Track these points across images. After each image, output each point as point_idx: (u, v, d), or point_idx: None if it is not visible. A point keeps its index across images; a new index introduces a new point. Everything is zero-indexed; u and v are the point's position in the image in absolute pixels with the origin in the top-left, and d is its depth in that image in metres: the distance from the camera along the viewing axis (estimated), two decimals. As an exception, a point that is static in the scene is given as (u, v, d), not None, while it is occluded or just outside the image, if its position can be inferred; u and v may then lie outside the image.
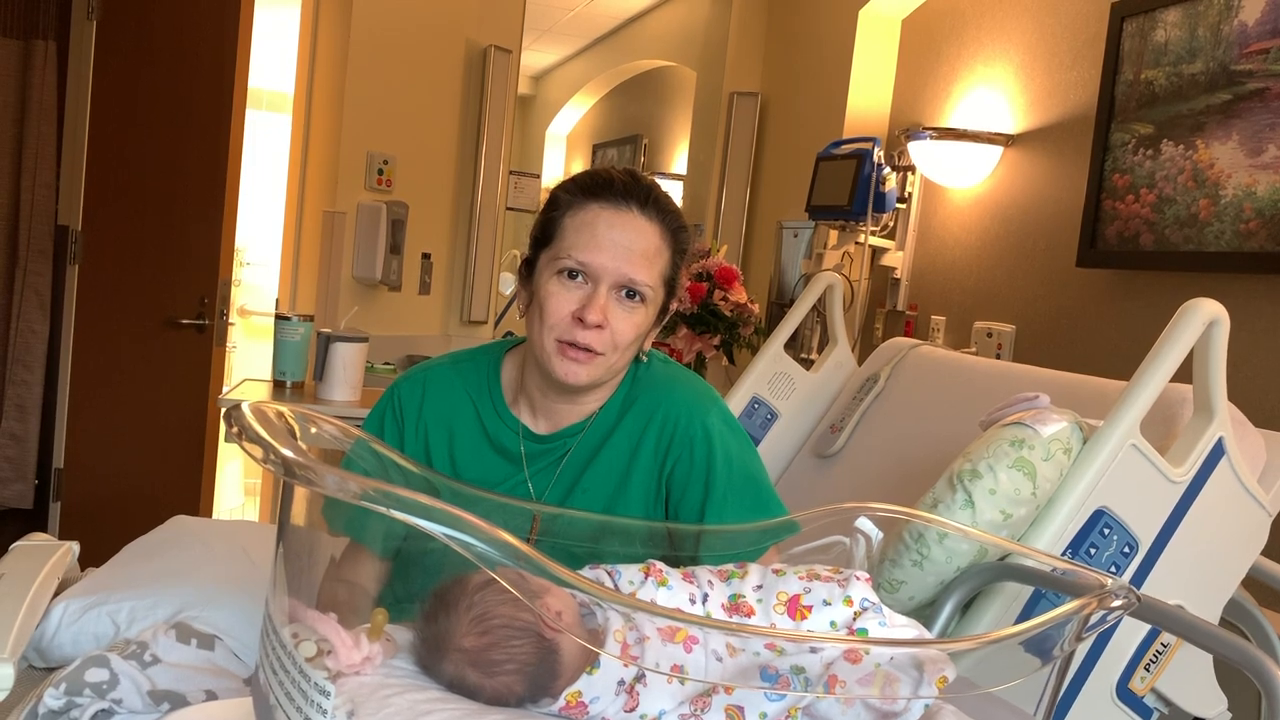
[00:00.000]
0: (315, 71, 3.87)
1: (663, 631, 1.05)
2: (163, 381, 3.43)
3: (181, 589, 1.45)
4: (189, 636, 1.31)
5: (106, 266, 3.29)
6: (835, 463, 2.11)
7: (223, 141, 3.41)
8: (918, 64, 3.68)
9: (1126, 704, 1.52)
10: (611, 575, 1.16)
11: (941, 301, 3.41)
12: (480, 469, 1.39)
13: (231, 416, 0.91)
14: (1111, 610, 0.94)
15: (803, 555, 1.32)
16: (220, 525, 1.96)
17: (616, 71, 6.93)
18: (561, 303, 1.30)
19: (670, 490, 1.38)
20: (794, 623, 1.10)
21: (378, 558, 1.30)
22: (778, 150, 4.32)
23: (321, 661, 0.93)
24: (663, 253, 1.33)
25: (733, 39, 4.45)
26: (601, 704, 1.03)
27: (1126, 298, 2.68)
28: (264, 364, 3.26)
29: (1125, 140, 2.64)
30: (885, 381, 2.14)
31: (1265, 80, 2.28)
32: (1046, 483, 1.43)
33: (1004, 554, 1.41)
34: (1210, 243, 2.38)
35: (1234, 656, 1.19)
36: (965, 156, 3.19)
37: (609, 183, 1.31)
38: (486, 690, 1.04)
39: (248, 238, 5.03)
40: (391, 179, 3.89)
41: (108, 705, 1.15)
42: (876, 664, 0.99)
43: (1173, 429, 1.60)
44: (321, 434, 1.14)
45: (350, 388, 2.80)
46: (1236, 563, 1.62)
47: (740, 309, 3.30)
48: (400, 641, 1.10)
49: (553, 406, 1.39)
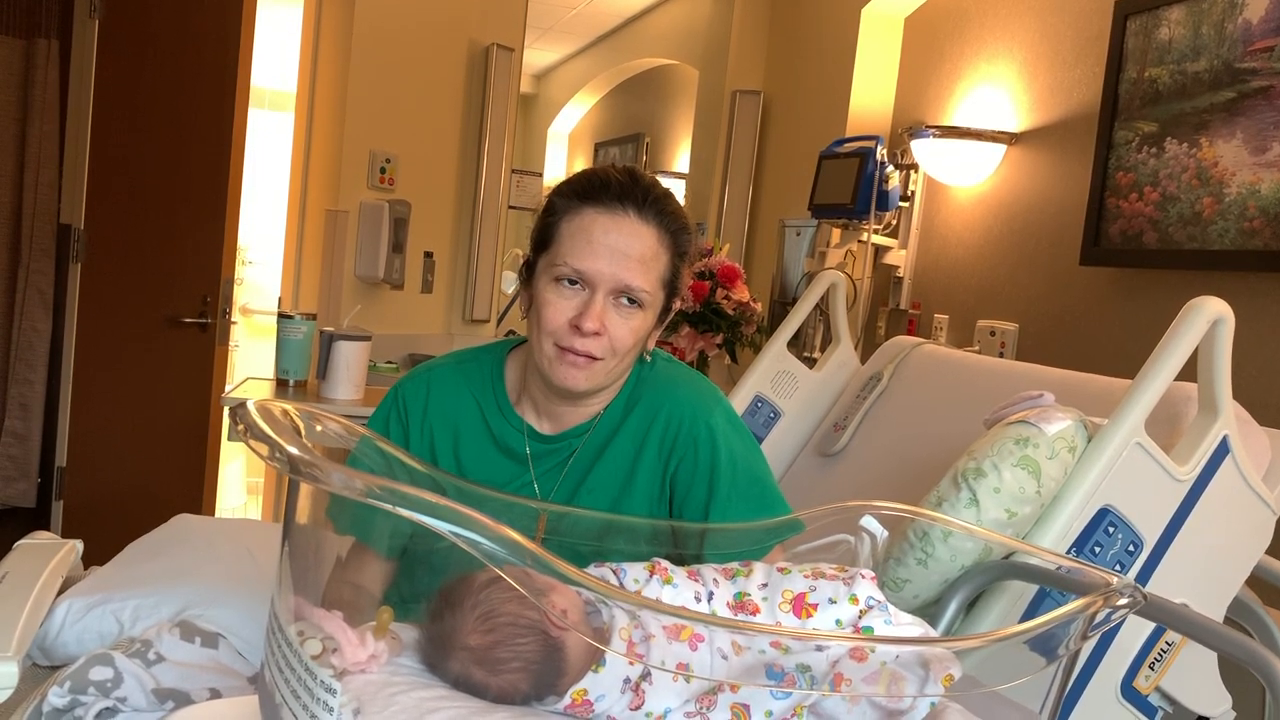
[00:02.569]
0: (318, 70, 3.86)
1: (668, 630, 1.05)
2: (165, 380, 3.43)
3: (185, 587, 1.45)
4: (193, 635, 1.32)
5: (109, 265, 3.29)
6: (838, 461, 2.11)
7: (225, 140, 3.41)
8: (921, 62, 3.67)
9: (1131, 703, 1.52)
10: (617, 573, 1.16)
11: (944, 300, 3.41)
12: (486, 470, 1.39)
13: (237, 414, 0.91)
14: (1117, 609, 0.94)
15: (807, 554, 1.32)
16: (224, 524, 1.96)
17: (618, 70, 6.93)
18: (558, 310, 1.29)
19: (675, 490, 1.38)
20: (799, 621, 1.09)
21: (383, 556, 1.30)
22: (780, 148, 4.32)
23: (327, 659, 0.93)
24: (661, 256, 1.32)
25: (735, 37, 4.45)
26: (607, 702, 1.03)
27: (1130, 296, 2.68)
28: (266, 363, 3.26)
29: (1129, 138, 2.64)
30: (888, 380, 2.14)
31: (1269, 78, 2.27)
32: (1051, 481, 1.43)
33: (1009, 552, 1.41)
34: (1214, 241, 2.37)
35: (1239, 655, 1.19)
36: (968, 155, 3.18)
37: (605, 185, 1.29)
38: (492, 688, 1.04)
39: (250, 236, 5.03)
40: (394, 177, 3.89)
41: (112, 703, 1.15)
42: (882, 662, 0.99)
43: (1177, 427, 1.60)
44: (327, 432, 1.14)
45: (353, 386, 2.80)
46: (1241, 561, 1.62)
47: (743, 308, 3.30)
48: (406, 639, 1.10)
49: (556, 408, 1.39)
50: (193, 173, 3.39)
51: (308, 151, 3.92)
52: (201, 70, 3.38)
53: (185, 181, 3.39)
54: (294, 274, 3.97)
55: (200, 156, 3.39)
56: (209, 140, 3.40)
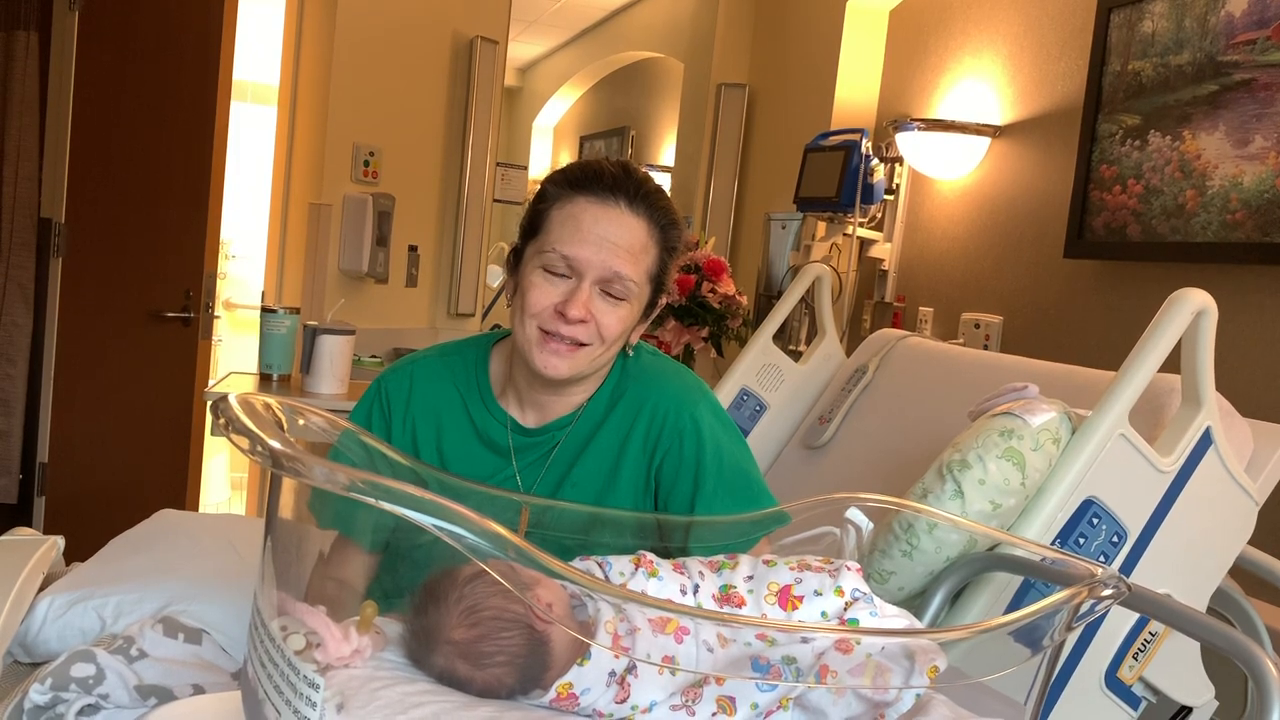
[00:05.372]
0: (300, 63, 3.84)
1: (654, 622, 1.04)
2: (148, 375, 3.41)
3: (168, 583, 1.44)
4: (176, 631, 1.31)
5: (90, 259, 3.27)
6: (824, 454, 2.11)
7: (207, 133, 3.38)
8: (905, 55, 3.68)
9: (1115, 693, 1.53)
10: (602, 566, 1.16)
11: (929, 293, 3.41)
12: (468, 462, 1.38)
13: (219, 408, 0.90)
14: (1101, 599, 0.94)
15: (793, 546, 1.32)
16: (207, 519, 1.95)
17: (603, 63, 6.91)
18: (543, 295, 1.29)
19: (660, 483, 1.38)
20: (785, 613, 1.09)
21: (366, 550, 1.30)
22: (765, 142, 4.32)
23: (310, 654, 0.93)
24: (650, 249, 1.31)
25: (720, 30, 4.44)
26: (592, 695, 1.03)
27: (1114, 288, 2.69)
28: (250, 357, 3.24)
29: (1112, 131, 2.65)
30: (874, 373, 2.14)
31: (1252, 71, 2.28)
32: (1035, 473, 1.44)
33: (993, 544, 1.41)
34: (1197, 233, 2.38)
35: (1222, 645, 1.20)
36: (953, 148, 3.19)
37: (598, 175, 1.29)
38: (477, 682, 1.04)
39: (233, 230, 5.00)
40: (378, 171, 3.87)
41: (94, 700, 1.14)
42: (868, 654, 0.99)
43: (1161, 419, 1.60)
44: (310, 426, 1.13)
45: (337, 380, 2.80)
46: (1224, 552, 1.63)
47: (728, 301, 3.29)
48: (390, 634, 1.09)
49: (540, 399, 1.38)
50: (175, 166, 3.37)
51: (291, 145, 3.90)
52: (183, 63, 3.35)
53: (167, 175, 3.36)
54: (277, 268, 3.95)
55: (182, 150, 3.37)
56: (191, 133, 3.37)
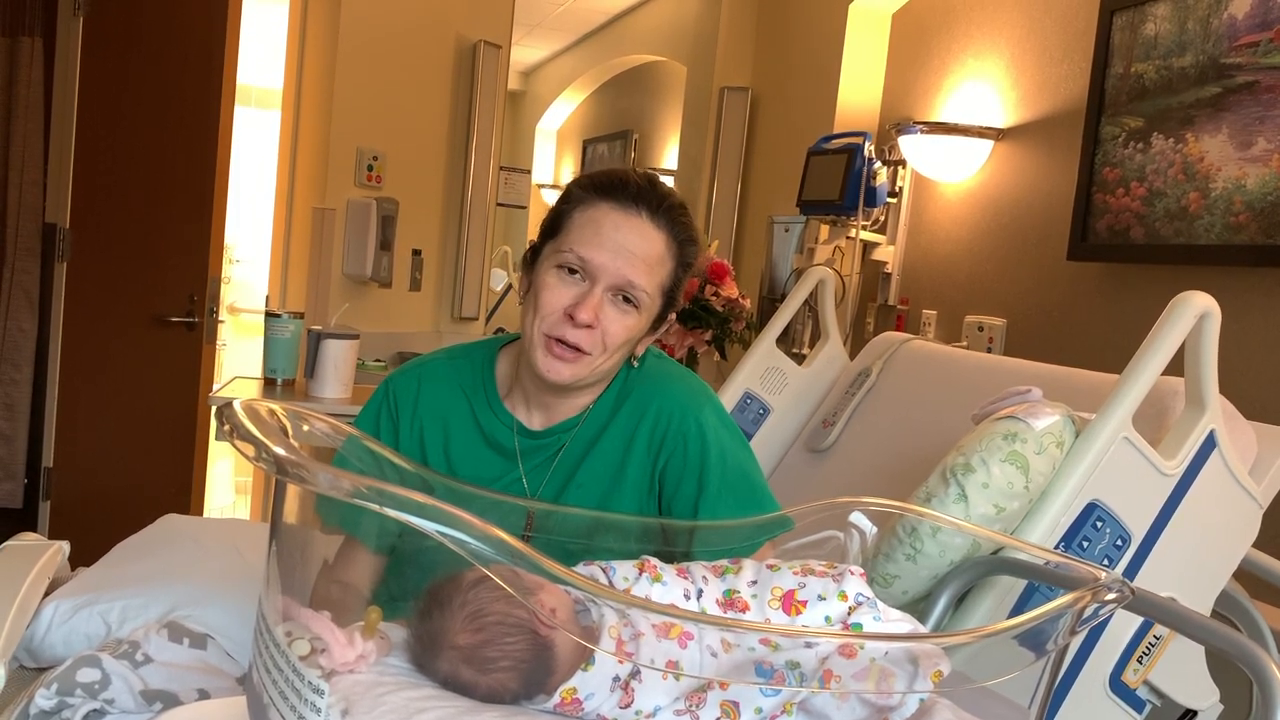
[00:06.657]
0: (304, 67, 3.85)
1: (657, 627, 1.04)
2: (152, 379, 3.42)
3: (173, 588, 1.45)
4: (181, 636, 1.31)
5: (95, 264, 3.27)
6: (828, 457, 2.11)
7: (211, 138, 3.39)
8: (908, 58, 3.68)
9: (1119, 696, 1.53)
10: (606, 571, 1.16)
11: (933, 296, 3.41)
12: (475, 465, 1.39)
13: (223, 414, 0.90)
14: (1105, 603, 0.94)
15: (797, 550, 1.32)
16: (211, 524, 1.95)
17: (606, 66, 6.91)
18: (556, 296, 1.29)
19: (664, 486, 1.38)
20: (789, 618, 1.09)
21: (371, 556, 1.30)
22: (768, 145, 4.32)
23: (315, 660, 0.93)
24: (665, 262, 1.32)
25: (723, 34, 4.45)
26: (596, 700, 1.03)
27: (1117, 291, 2.69)
28: (254, 362, 3.25)
29: (1115, 134, 2.65)
30: (877, 376, 2.14)
31: (1255, 73, 2.28)
32: (1039, 476, 1.44)
33: (997, 548, 1.41)
34: (1200, 236, 2.38)
35: (1227, 648, 1.20)
36: (956, 151, 3.19)
37: (624, 183, 1.31)
38: (481, 687, 1.04)
39: (237, 235, 5.00)
40: (381, 175, 3.88)
41: (99, 705, 1.15)
42: (871, 659, 0.99)
43: (1164, 422, 1.60)
44: (314, 431, 1.13)
45: (341, 385, 2.80)
46: (1228, 555, 1.62)
47: (732, 304, 3.29)
48: (394, 639, 1.10)
49: (545, 401, 1.39)
50: (179, 171, 3.37)
51: (294, 149, 3.90)
52: (187, 68, 3.36)
53: (171, 180, 3.37)
54: (281, 272, 3.96)
55: (186, 154, 3.37)
56: (195, 138, 3.38)
